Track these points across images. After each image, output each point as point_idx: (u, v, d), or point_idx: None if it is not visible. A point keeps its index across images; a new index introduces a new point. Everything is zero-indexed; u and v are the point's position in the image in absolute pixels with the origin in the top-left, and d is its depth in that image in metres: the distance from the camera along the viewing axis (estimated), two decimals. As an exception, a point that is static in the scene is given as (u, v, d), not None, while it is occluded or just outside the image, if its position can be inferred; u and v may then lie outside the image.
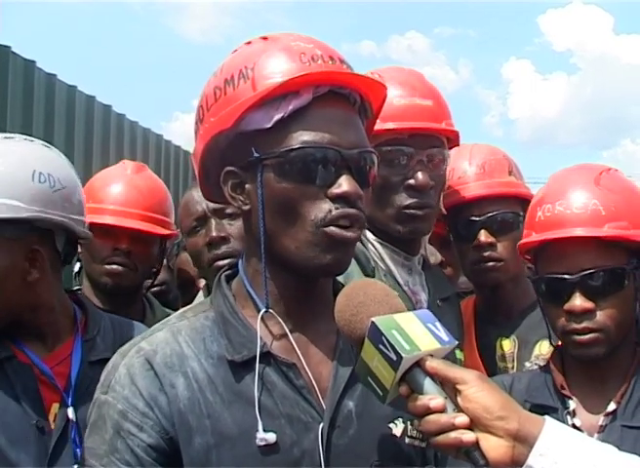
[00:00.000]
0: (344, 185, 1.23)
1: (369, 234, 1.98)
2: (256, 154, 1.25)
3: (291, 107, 1.24)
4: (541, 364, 2.06)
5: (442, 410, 1.10)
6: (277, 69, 1.26)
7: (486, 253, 2.32)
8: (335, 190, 1.23)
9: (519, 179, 2.44)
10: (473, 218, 2.32)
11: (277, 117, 1.24)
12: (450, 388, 1.13)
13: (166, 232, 2.59)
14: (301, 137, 1.23)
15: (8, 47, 4.91)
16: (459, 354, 2.12)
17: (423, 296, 2.04)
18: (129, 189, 2.56)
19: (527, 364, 2.29)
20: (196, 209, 2.32)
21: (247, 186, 1.29)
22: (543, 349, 2.22)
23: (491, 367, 2.35)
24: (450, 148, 2.05)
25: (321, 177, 1.23)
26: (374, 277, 1.88)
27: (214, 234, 2.27)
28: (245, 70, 1.27)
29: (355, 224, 1.25)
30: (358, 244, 1.92)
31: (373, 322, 1.13)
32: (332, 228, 1.23)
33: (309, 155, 1.23)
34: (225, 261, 2.21)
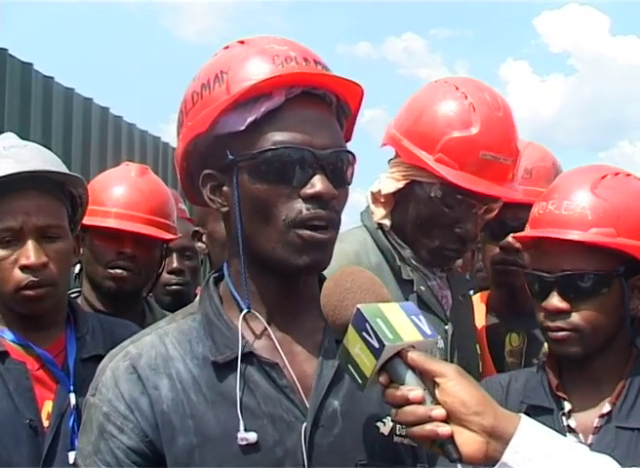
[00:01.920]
0: (317, 185, 1.23)
1: (396, 237, 2.02)
2: (230, 156, 1.26)
3: (263, 109, 1.24)
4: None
5: (420, 402, 1.11)
6: (250, 72, 1.26)
7: (510, 257, 2.35)
8: (307, 190, 1.23)
9: None
10: (506, 221, 2.33)
11: (250, 119, 1.25)
12: (429, 380, 1.13)
13: (170, 236, 2.58)
14: (274, 138, 1.24)
15: (5, 49, 4.91)
16: (478, 349, 2.16)
17: (448, 293, 2.08)
18: (133, 192, 2.53)
19: (535, 361, 2.29)
20: None
21: (224, 188, 1.30)
22: None
23: (499, 361, 2.38)
24: None
25: (294, 178, 1.24)
26: (400, 274, 1.93)
27: None
28: (220, 74, 1.28)
29: (329, 225, 1.26)
30: (384, 240, 1.97)
31: (358, 308, 1.14)
32: (303, 231, 1.23)
33: (282, 156, 1.23)
34: None
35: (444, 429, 1.09)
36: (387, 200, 2.01)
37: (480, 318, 2.46)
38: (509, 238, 2.31)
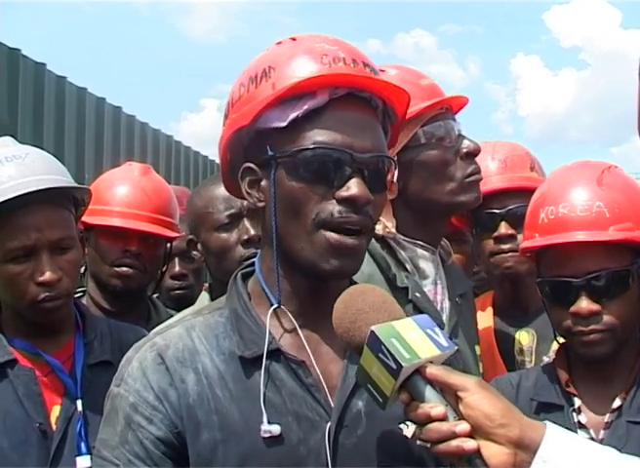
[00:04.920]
0: (353, 189, 1.22)
1: (398, 235, 1.97)
2: (270, 152, 1.26)
3: (305, 107, 1.24)
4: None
5: (443, 419, 1.10)
6: (297, 70, 1.27)
7: (506, 246, 2.35)
8: (342, 193, 1.23)
9: (540, 176, 2.48)
10: (494, 211, 2.37)
11: (292, 116, 1.25)
12: (451, 395, 1.13)
13: (174, 234, 2.61)
14: (314, 138, 1.24)
15: (18, 50, 4.95)
16: (477, 350, 2.13)
17: (445, 296, 2.04)
18: (136, 191, 2.57)
19: (545, 358, 2.31)
20: (231, 205, 2.26)
21: (262, 183, 1.30)
22: None
23: (509, 360, 2.38)
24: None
25: (330, 179, 1.23)
26: (395, 282, 1.89)
27: (253, 233, 2.23)
28: (268, 70, 1.29)
29: (361, 231, 1.25)
30: (378, 248, 1.91)
31: (372, 331, 1.12)
32: (332, 234, 1.23)
33: (320, 156, 1.23)
34: None
35: (470, 444, 1.09)
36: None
37: (487, 319, 2.45)
38: (501, 227, 2.34)
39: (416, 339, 1.14)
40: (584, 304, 1.75)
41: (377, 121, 1.31)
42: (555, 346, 2.22)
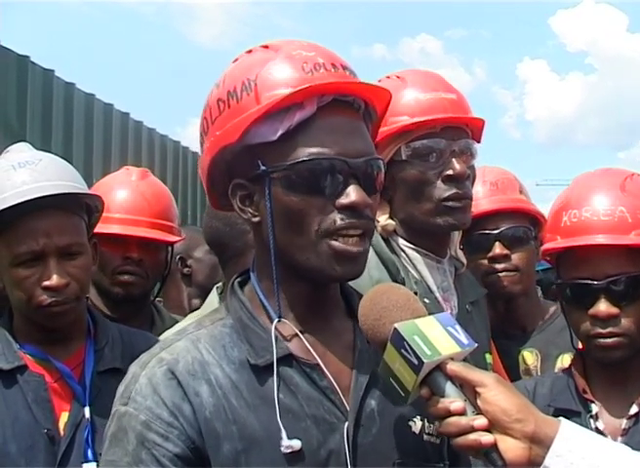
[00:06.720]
0: (352, 195, 1.23)
1: (400, 240, 1.97)
2: (262, 167, 1.25)
3: (296, 119, 1.23)
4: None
5: (462, 413, 1.14)
6: (280, 81, 1.25)
7: (500, 265, 2.39)
8: (342, 201, 1.23)
9: (528, 199, 2.55)
10: (487, 232, 2.41)
11: (282, 130, 1.24)
12: (469, 390, 1.16)
13: (174, 239, 2.59)
14: (308, 150, 1.23)
15: (27, 57, 4.96)
16: (488, 358, 2.11)
17: (455, 300, 2.02)
18: (135, 196, 2.54)
19: None
20: None
21: (255, 198, 1.29)
22: (565, 362, 2.24)
23: (513, 380, 2.36)
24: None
25: (328, 188, 1.23)
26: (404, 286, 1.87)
27: None
28: (248, 82, 1.27)
29: (364, 234, 1.26)
30: (388, 253, 1.92)
31: (395, 328, 1.17)
32: (336, 242, 1.23)
33: (316, 167, 1.23)
34: None
35: (487, 438, 1.13)
36: (381, 202, 1.93)
37: None
38: (495, 248, 2.38)
39: (437, 336, 1.18)
40: (603, 307, 1.76)
41: (362, 122, 1.31)
42: (559, 365, 2.30)
